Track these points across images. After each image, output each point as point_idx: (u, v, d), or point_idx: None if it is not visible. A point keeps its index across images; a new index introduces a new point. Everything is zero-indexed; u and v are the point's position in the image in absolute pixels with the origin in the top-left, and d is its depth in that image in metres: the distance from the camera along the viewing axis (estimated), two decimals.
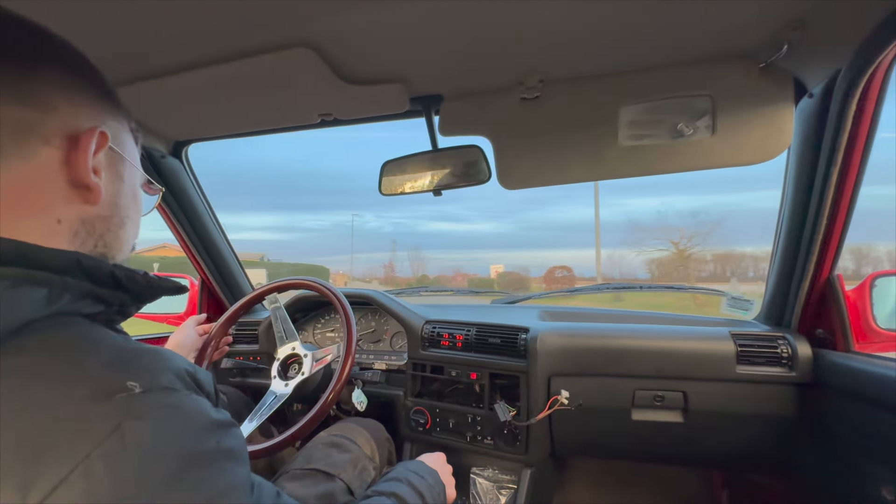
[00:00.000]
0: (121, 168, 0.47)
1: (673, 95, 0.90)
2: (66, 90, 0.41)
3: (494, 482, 1.21)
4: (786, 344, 1.02)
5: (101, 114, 0.45)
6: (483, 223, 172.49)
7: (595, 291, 1.88)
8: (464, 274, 35.18)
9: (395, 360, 1.34)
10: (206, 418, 0.37)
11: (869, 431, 0.85)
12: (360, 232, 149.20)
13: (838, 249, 0.93)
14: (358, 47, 0.81)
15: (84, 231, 0.42)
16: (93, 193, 0.42)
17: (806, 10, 0.71)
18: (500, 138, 1.01)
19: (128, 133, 0.51)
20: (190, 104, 1.02)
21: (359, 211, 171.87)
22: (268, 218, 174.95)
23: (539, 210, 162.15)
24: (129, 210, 0.48)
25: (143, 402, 0.33)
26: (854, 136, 0.81)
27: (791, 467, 1.10)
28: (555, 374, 1.16)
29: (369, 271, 42.04)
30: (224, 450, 0.37)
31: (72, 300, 0.37)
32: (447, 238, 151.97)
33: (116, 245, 0.46)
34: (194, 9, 0.69)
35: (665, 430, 1.13)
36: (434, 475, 0.81)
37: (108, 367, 0.35)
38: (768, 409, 1.05)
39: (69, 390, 0.32)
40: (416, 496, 0.72)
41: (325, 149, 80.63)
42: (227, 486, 0.36)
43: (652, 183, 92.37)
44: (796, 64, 0.82)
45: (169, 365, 0.38)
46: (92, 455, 0.29)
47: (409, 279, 32.69)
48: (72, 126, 0.41)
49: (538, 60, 0.87)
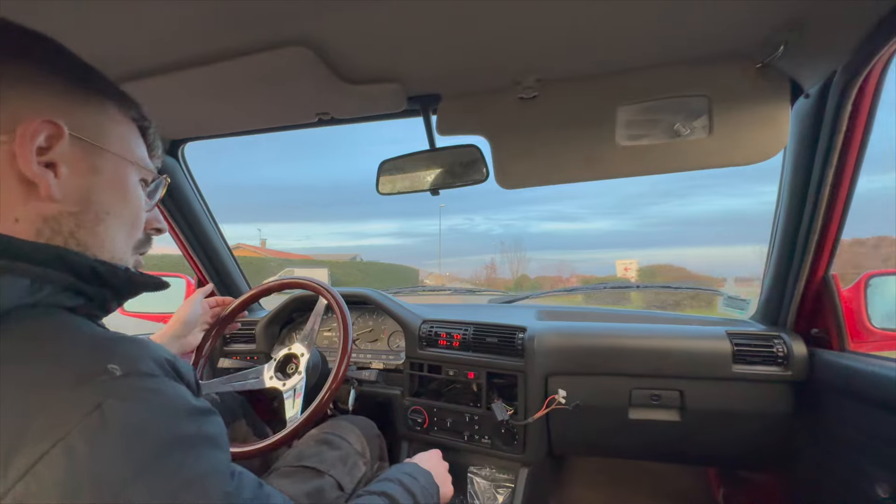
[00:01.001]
0: (98, 161, 0.45)
1: (670, 95, 0.90)
2: (18, 82, 0.40)
3: (492, 481, 1.21)
4: (781, 343, 1.03)
5: (69, 104, 0.43)
6: (597, 221, 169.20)
7: (592, 290, 1.88)
8: (579, 275, 32.64)
9: (392, 359, 1.34)
10: (186, 403, 0.38)
11: (864, 429, 0.86)
12: (468, 235, 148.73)
13: (834, 249, 0.94)
14: (355, 46, 0.81)
15: (48, 229, 0.40)
16: (39, 187, 0.39)
17: (802, 12, 0.71)
18: (497, 138, 1.01)
19: (117, 122, 0.48)
20: (186, 103, 1.02)
21: (469, 214, 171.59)
22: (387, 225, 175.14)
23: (663, 203, 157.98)
24: (109, 205, 0.45)
25: (123, 384, 0.34)
26: (849, 136, 0.81)
27: (786, 465, 1.11)
28: (552, 374, 1.16)
29: (474, 273, 41.89)
30: (204, 435, 0.37)
31: (53, 292, 0.38)
32: (560, 238, 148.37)
33: (94, 242, 0.44)
34: (190, 7, 0.69)
35: (662, 429, 1.14)
36: (427, 476, 0.81)
37: (89, 352, 0.36)
38: (764, 407, 1.06)
39: (50, 373, 0.33)
40: (408, 496, 0.72)
41: None
42: (207, 470, 0.36)
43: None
44: (792, 64, 0.83)
45: (149, 352, 0.39)
46: (72, 432, 0.30)
47: (507, 281, 32.05)
48: (20, 119, 0.39)
49: (535, 60, 0.87)
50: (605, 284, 1.87)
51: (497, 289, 3.15)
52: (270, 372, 1.07)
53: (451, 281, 42.94)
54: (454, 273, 45.13)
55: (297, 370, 1.06)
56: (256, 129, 1.21)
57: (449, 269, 47.41)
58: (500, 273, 35.66)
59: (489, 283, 33.68)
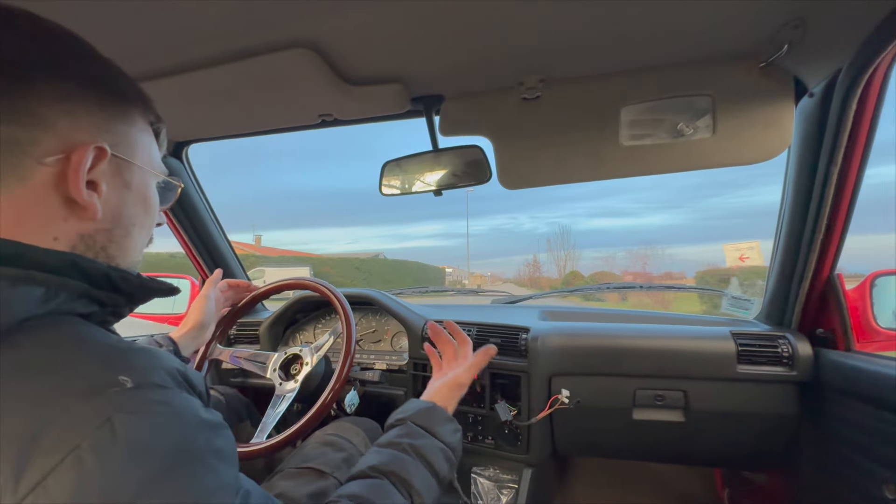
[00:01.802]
0: (128, 175, 0.45)
1: (673, 95, 0.90)
2: (63, 102, 0.39)
3: (495, 482, 1.20)
4: (786, 343, 1.02)
5: (105, 121, 0.43)
6: (650, 215, 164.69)
7: (595, 291, 1.88)
8: (647, 274, 28.92)
9: (395, 360, 1.34)
10: (196, 416, 0.38)
11: (870, 430, 0.85)
12: (513, 234, 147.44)
13: (839, 249, 0.93)
14: (358, 48, 0.81)
15: (83, 245, 0.41)
16: (88, 211, 0.40)
17: (806, 10, 0.71)
18: (500, 138, 1.01)
19: (142, 131, 0.48)
20: (190, 105, 1.02)
21: (514, 213, 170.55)
22: (430, 226, 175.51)
23: (726, 195, 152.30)
24: (136, 217, 0.47)
25: (133, 397, 0.34)
26: (855, 135, 0.81)
27: (791, 466, 1.10)
28: (555, 374, 1.16)
29: (518, 273, 41.19)
30: (213, 449, 0.37)
31: (67, 299, 0.38)
32: (610, 235, 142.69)
33: (120, 254, 0.45)
34: (194, 9, 0.69)
35: (666, 430, 1.14)
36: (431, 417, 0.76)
37: (101, 363, 0.36)
38: (769, 408, 1.05)
39: (63, 385, 0.33)
40: (421, 465, 0.67)
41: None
42: (216, 485, 0.36)
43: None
44: (797, 63, 0.82)
45: (161, 363, 0.39)
46: (82, 446, 0.30)
47: (554, 280, 30.69)
48: (67, 143, 0.39)
49: (538, 61, 0.87)
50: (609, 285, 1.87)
51: (543, 289, 3.11)
52: (276, 364, 1.10)
53: (493, 281, 42.75)
54: (497, 273, 44.45)
55: (296, 376, 1.07)
56: (260, 131, 1.21)
57: (491, 269, 47.07)
58: (545, 272, 34.43)
59: (532, 283, 32.64)
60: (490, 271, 42.61)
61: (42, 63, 0.39)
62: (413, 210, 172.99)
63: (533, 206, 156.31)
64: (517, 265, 56.37)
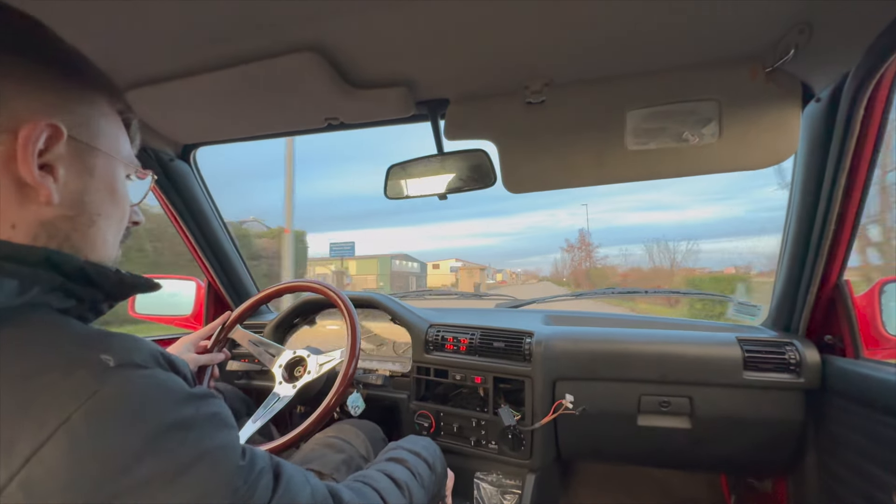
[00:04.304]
0: (91, 160, 0.43)
1: (679, 100, 0.90)
2: (11, 79, 0.37)
3: (498, 487, 1.20)
4: (793, 350, 1.01)
5: (62, 101, 0.41)
6: (698, 208, 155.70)
7: (600, 296, 1.87)
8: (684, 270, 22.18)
9: (399, 363, 1.34)
10: (182, 389, 0.38)
11: (878, 438, 0.84)
12: (551, 231, 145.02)
13: (846, 255, 0.93)
14: (364, 51, 0.82)
15: (45, 234, 0.39)
16: (40, 193, 0.38)
17: (813, 14, 0.71)
18: (505, 142, 1.02)
19: (106, 117, 0.46)
20: (197, 108, 1.03)
21: (552, 210, 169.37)
22: (466, 225, 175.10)
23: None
24: (100, 206, 0.44)
25: (117, 374, 0.34)
26: (862, 140, 0.80)
27: (798, 473, 1.08)
28: (559, 379, 1.15)
29: (557, 272, 40.67)
30: (205, 415, 0.38)
31: (42, 292, 0.37)
32: (655, 231, 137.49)
33: (85, 244, 0.43)
34: (201, 12, 0.70)
35: (671, 436, 1.13)
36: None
37: (80, 344, 0.36)
38: (776, 415, 1.04)
39: (45, 363, 0.33)
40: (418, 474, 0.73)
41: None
42: (214, 446, 0.36)
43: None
44: (803, 68, 0.82)
45: (141, 346, 0.39)
46: (73, 416, 0.31)
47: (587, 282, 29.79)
48: (18, 119, 0.37)
49: (543, 65, 0.87)
50: (613, 289, 1.86)
51: (581, 286, 3.05)
52: (283, 361, 1.12)
53: (526, 279, 41.76)
54: (532, 271, 43.23)
55: (296, 382, 1.07)
56: (267, 134, 1.22)
57: (524, 268, 46.19)
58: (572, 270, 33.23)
59: (572, 280, 31.43)
60: (522, 269, 42.05)
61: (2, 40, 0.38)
62: (452, 210, 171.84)
63: (572, 202, 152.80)
64: (555, 263, 55.50)
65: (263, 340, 1.17)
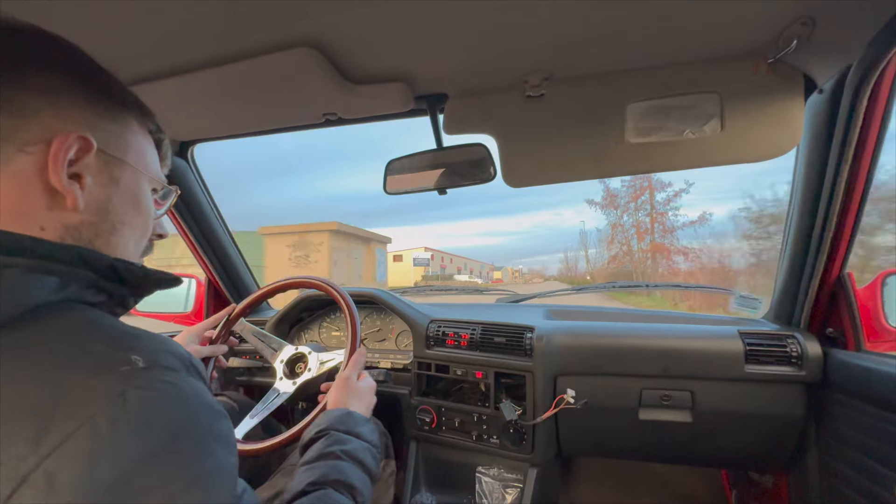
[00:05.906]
0: (117, 172, 0.46)
1: (680, 92, 0.89)
2: (50, 94, 0.41)
3: (500, 481, 1.20)
4: (795, 343, 1.01)
5: (94, 117, 0.44)
6: (709, 206, 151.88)
7: (601, 290, 1.87)
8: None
9: (400, 358, 1.34)
10: (203, 400, 0.39)
11: (879, 432, 0.84)
12: (557, 231, 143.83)
13: (849, 247, 0.92)
14: (362, 47, 0.81)
15: (70, 237, 0.42)
16: (67, 199, 0.41)
17: (815, 6, 0.70)
18: (505, 136, 1.01)
19: (137, 135, 0.49)
20: (195, 105, 1.02)
21: (558, 209, 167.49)
22: (472, 224, 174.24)
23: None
24: (124, 215, 0.47)
25: (144, 375, 0.36)
26: (865, 132, 0.80)
27: (799, 467, 1.09)
28: (561, 374, 1.15)
29: (559, 271, 40.20)
30: (216, 433, 0.39)
31: (78, 289, 0.40)
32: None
33: (108, 250, 0.46)
34: (198, 9, 0.69)
35: (673, 430, 1.13)
36: (352, 423, 0.78)
37: (112, 344, 0.38)
38: (777, 408, 1.04)
39: (75, 361, 0.35)
40: (357, 471, 0.69)
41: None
42: (214, 468, 0.38)
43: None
44: (805, 60, 0.81)
45: (170, 348, 0.41)
46: (97, 414, 0.32)
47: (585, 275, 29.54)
48: (51, 132, 0.40)
49: (543, 58, 0.86)
50: (614, 283, 1.86)
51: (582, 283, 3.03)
52: (285, 356, 1.12)
53: (531, 277, 41.15)
54: (538, 269, 42.60)
55: (296, 378, 1.07)
56: (264, 130, 1.21)
57: (531, 267, 45.54)
58: (580, 269, 33.10)
59: (581, 279, 31.52)
60: (528, 268, 41.55)
61: (33, 56, 0.41)
62: (452, 209, 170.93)
63: (578, 200, 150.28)
64: (557, 263, 55.01)
65: (266, 334, 1.17)
